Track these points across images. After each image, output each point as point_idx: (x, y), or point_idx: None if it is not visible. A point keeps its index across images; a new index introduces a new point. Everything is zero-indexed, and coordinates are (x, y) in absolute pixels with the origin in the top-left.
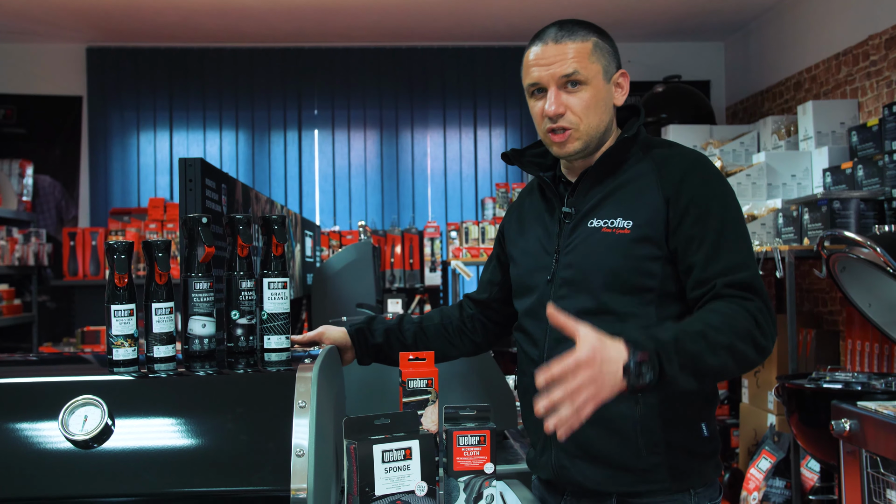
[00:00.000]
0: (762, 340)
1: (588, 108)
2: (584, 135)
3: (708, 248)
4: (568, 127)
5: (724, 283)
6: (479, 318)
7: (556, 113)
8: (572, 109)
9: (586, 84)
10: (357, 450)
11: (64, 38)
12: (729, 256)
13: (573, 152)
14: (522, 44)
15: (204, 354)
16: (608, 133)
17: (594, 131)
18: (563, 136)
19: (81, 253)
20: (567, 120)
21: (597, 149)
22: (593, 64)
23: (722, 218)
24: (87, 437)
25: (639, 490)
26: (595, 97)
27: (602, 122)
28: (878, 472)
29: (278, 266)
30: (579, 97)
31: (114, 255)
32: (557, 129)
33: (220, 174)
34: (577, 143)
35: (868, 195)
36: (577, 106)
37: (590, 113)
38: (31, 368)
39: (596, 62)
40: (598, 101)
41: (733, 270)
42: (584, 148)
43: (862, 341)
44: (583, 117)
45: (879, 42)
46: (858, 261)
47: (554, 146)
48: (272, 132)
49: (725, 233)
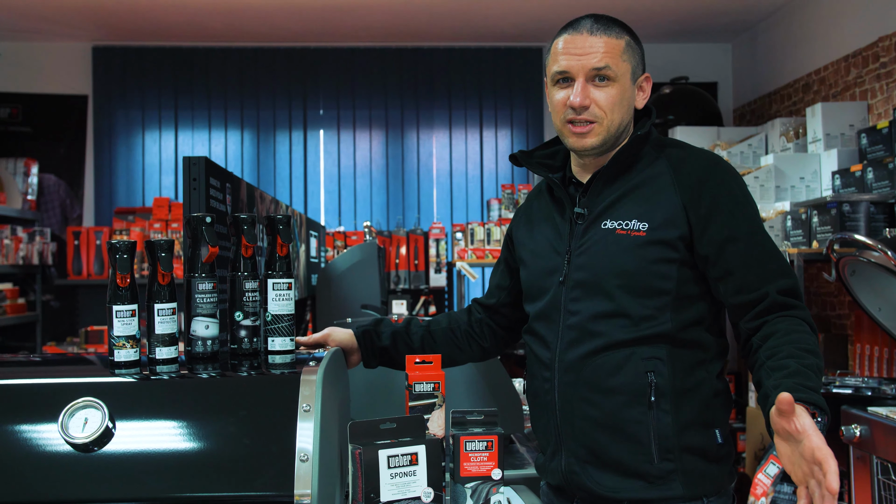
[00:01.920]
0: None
1: (613, 104)
2: (605, 130)
3: (745, 253)
4: (592, 120)
5: (778, 291)
6: (487, 322)
7: (581, 105)
8: (598, 104)
9: (615, 81)
10: (362, 455)
11: (69, 36)
12: (768, 261)
13: (590, 147)
14: (529, 44)
15: (207, 356)
16: (625, 134)
17: (615, 129)
18: (586, 129)
19: (86, 252)
20: (591, 113)
21: (612, 148)
22: (624, 62)
23: (751, 220)
24: (87, 440)
25: (651, 497)
26: (621, 95)
27: (623, 121)
28: (889, 479)
29: (283, 267)
30: (606, 92)
31: (116, 255)
32: (579, 121)
33: (225, 173)
34: (597, 139)
35: (878, 198)
36: (603, 101)
37: (614, 110)
38: (31, 370)
39: (627, 61)
40: (623, 100)
41: (778, 276)
42: (601, 144)
43: (871, 345)
44: (608, 113)
45: (889, 44)
46: (868, 264)
47: (571, 137)
48: (277, 132)
49: (757, 236)
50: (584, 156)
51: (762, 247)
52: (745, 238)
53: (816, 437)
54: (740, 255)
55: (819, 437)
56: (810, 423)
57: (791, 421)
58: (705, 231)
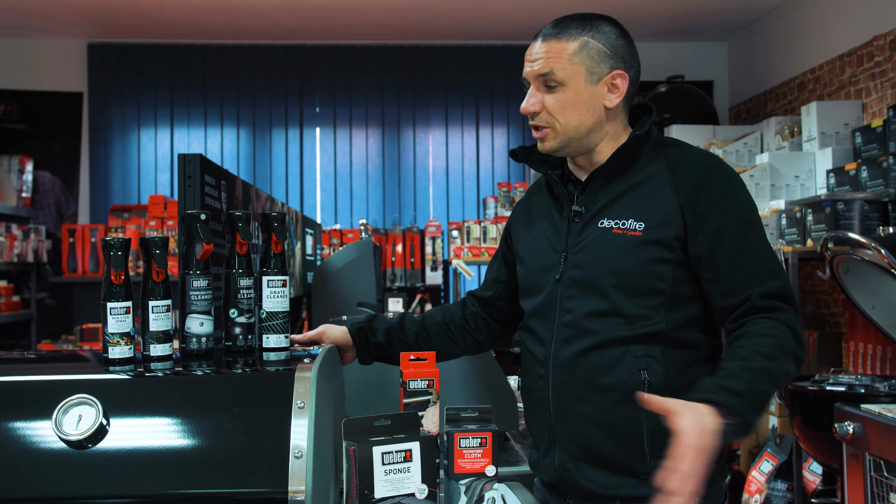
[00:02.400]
0: (801, 354)
1: (564, 108)
2: (560, 134)
3: (735, 255)
4: (543, 126)
5: (760, 294)
6: (482, 316)
7: (528, 111)
8: (547, 109)
9: (563, 85)
10: (356, 451)
11: (65, 33)
12: (758, 264)
13: (550, 150)
14: (526, 43)
15: (202, 353)
16: (596, 134)
17: (573, 132)
18: (540, 134)
19: (81, 250)
20: (541, 119)
21: (585, 150)
22: (574, 65)
23: (745, 223)
24: (81, 436)
25: (643, 494)
26: (574, 98)
27: (583, 123)
28: (882, 476)
29: (278, 264)
30: (555, 97)
31: (110, 252)
32: (534, 126)
33: (220, 171)
34: (553, 143)
35: (872, 197)
36: (552, 106)
37: (566, 114)
38: (25, 366)
39: (579, 63)
40: (578, 103)
41: (766, 279)
42: (561, 147)
43: (865, 343)
44: (558, 117)
45: (884, 43)
46: (862, 262)
47: (538, 142)
48: (273, 129)
49: (750, 239)
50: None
51: (753, 249)
52: (736, 240)
53: (686, 438)
54: (729, 257)
55: (690, 439)
56: (689, 424)
57: (673, 420)
58: (699, 232)
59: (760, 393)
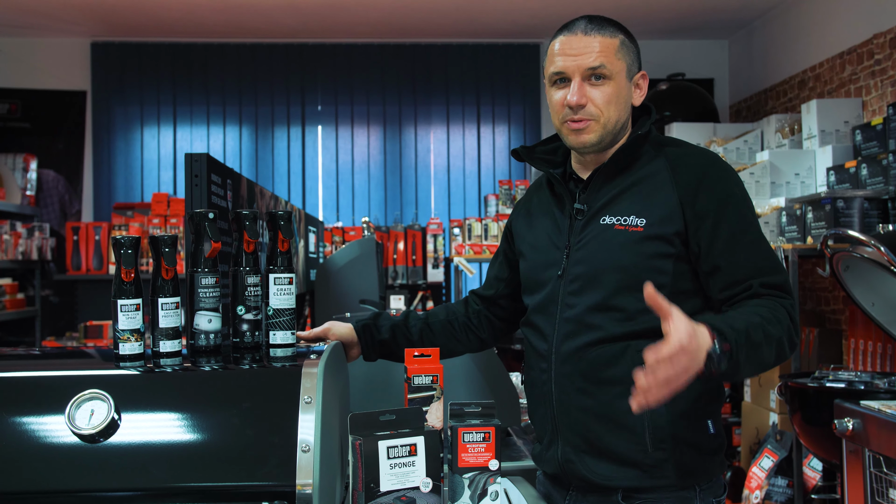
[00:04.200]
0: (795, 337)
1: (610, 102)
2: (602, 127)
3: (735, 249)
4: (588, 118)
5: (761, 284)
6: (485, 314)
7: (577, 103)
8: (594, 102)
9: (610, 79)
10: (362, 446)
11: (68, 32)
12: (759, 259)
13: (588, 143)
14: (527, 41)
15: (210, 350)
16: (623, 131)
17: (612, 126)
18: (583, 125)
19: (85, 247)
20: (588, 112)
21: (610, 145)
22: (619, 60)
23: (743, 219)
24: (93, 431)
25: (644, 485)
26: (617, 93)
27: (620, 118)
28: (881, 472)
29: (284, 262)
30: (602, 91)
31: (120, 250)
32: (577, 119)
33: (226, 170)
34: (594, 136)
35: (872, 194)
36: (600, 99)
37: (611, 107)
38: (37, 362)
39: (621, 59)
40: (620, 98)
41: (766, 273)
42: (599, 141)
43: (865, 340)
44: (604, 111)
45: (884, 41)
46: (862, 260)
47: (571, 135)
48: (275, 128)
49: (749, 234)
50: (584, 153)
51: (753, 245)
52: (736, 236)
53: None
54: (730, 252)
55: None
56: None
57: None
58: (699, 228)
59: (754, 342)
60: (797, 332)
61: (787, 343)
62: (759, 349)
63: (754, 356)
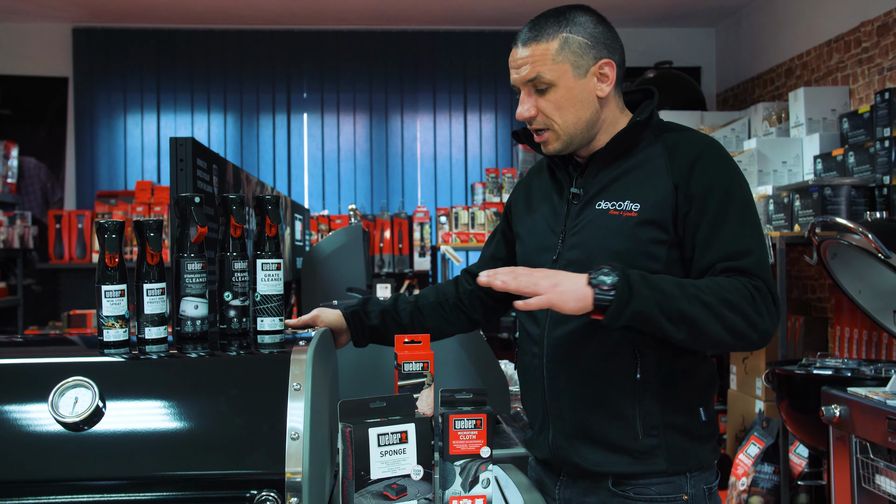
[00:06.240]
0: (755, 317)
1: (560, 108)
2: (562, 135)
3: (712, 234)
4: (543, 128)
5: (723, 269)
6: (477, 293)
7: (524, 117)
8: (543, 111)
9: (554, 85)
10: (353, 433)
11: (50, 17)
12: (732, 242)
13: (554, 152)
14: (513, 28)
15: (196, 336)
16: (595, 126)
17: (573, 129)
18: (542, 137)
19: (67, 236)
20: (540, 122)
21: (588, 142)
22: (559, 64)
23: (727, 204)
24: (77, 419)
25: (635, 471)
26: (566, 96)
27: (581, 118)
28: (868, 458)
29: (272, 247)
30: (547, 99)
31: (104, 235)
32: (534, 130)
33: (212, 154)
34: (557, 144)
35: (859, 182)
36: (548, 108)
37: (563, 113)
38: (19, 350)
39: (563, 61)
40: (571, 99)
41: (733, 257)
42: (564, 147)
43: (851, 328)
44: (555, 118)
45: (871, 29)
46: (849, 247)
47: (540, 145)
48: (261, 115)
49: (730, 219)
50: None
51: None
52: (715, 219)
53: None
54: (706, 236)
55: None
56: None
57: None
58: (686, 214)
59: (659, 287)
60: (761, 313)
61: (736, 317)
62: (673, 298)
63: (664, 300)
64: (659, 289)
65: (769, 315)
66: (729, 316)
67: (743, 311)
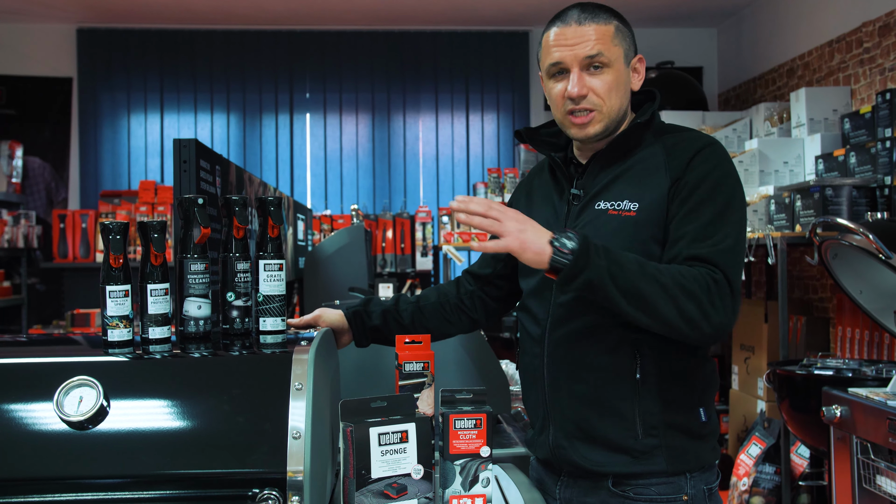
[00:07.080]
0: (709, 308)
1: (611, 90)
2: (606, 117)
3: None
4: (591, 108)
5: (686, 257)
6: (478, 294)
7: (579, 94)
8: (595, 91)
9: (609, 66)
10: (354, 432)
11: (54, 18)
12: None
13: (593, 135)
14: (516, 28)
15: (199, 336)
16: (625, 116)
17: (615, 114)
18: (586, 118)
19: (71, 235)
20: (590, 101)
21: (613, 133)
22: (616, 47)
23: (709, 198)
24: (82, 418)
25: (635, 471)
26: (617, 80)
27: (622, 105)
28: (869, 458)
29: (274, 248)
30: (602, 79)
31: (109, 236)
32: (579, 110)
33: (215, 156)
34: (599, 126)
35: (860, 182)
36: (601, 88)
37: (612, 95)
38: (24, 349)
39: (618, 45)
40: (620, 84)
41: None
42: (603, 130)
43: (852, 328)
44: (606, 99)
45: (873, 29)
46: (850, 248)
47: (573, 128)
48: (264, 115)
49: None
50: (589, 143)
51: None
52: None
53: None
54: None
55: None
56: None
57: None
58: (671, 204)
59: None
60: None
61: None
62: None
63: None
64: (617, 262)
65: (724, 308)
66: (683, 301)
67: (697, 300)
